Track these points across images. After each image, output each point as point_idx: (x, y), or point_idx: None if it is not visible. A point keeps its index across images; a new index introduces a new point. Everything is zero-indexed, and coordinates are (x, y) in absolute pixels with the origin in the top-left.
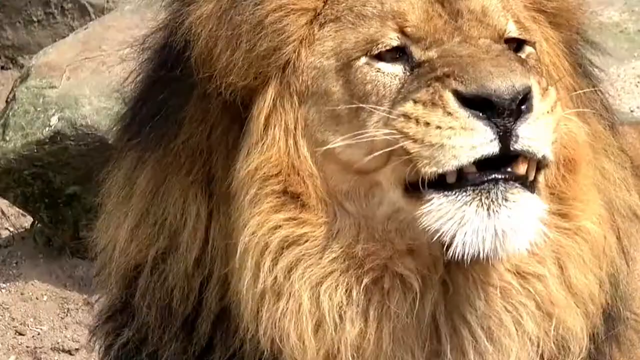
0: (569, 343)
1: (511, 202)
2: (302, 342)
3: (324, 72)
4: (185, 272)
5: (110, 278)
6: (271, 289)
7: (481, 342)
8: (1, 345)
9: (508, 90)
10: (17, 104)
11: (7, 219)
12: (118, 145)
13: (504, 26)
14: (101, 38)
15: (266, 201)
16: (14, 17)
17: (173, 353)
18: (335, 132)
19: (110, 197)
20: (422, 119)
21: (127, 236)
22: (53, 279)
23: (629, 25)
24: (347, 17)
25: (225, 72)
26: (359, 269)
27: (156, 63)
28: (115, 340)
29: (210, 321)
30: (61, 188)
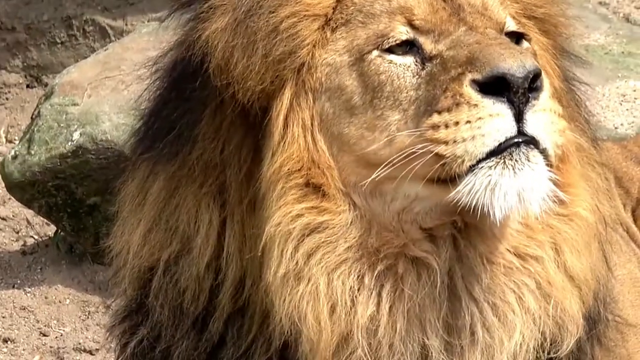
0: (566, 323)
1: (533, 163)
2: (318, 324)
3: (337, 68)
4: (197, 275)
5: (125, 280)
6: (293, 273)
7: (488, 317)
8: (26, 345)
9: (520, 69)
10: (42, 120)
11: (32, 227)
12: (132, 158)
13: (503, 19)
14: (120, 58)
15: (290, 194)
16: (39, 38)
17: (185, 349)
18: (349, 124)
19: (125, 205)
20: (450, 121)
21: (140, 241)
22: (75, 283)
23: (614, 47)
24: (356, 18)
25: (243, 77)
26: (373, 257)
27: (167, 81)
28: (131, 338)
29: (222, 321)
30: (82, 199)
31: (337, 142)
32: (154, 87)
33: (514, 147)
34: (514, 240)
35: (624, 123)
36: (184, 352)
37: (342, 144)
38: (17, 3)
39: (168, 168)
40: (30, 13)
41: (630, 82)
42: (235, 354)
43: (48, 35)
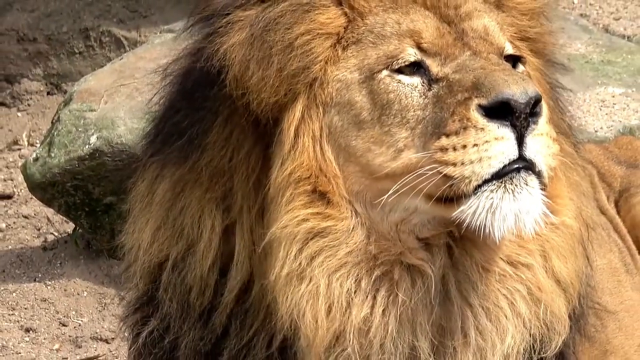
0: (555, 324)
1: (530, 187)
2: (315, 321)
3: (347, 84)
4: (201, 275)
5: (137, 274)
6: (296, 273)
7: (481, 321)
8: (47, 335)
9: (523, 95)
10: (61, 125)
11: (52, 225)
12: (142, 159)
13: (503, 44)
14: (134, 67)
15: (298, 199)
16: (59, 49)
17: (191, 340)
18: (357, 137)
19: (135, 204)
20: (458, 144)
21: (149, 239)
22: (92, 277)
23: (594, 56)
24: (367, 37)
25: (258, 89)
26: (371, 262)
27: (179, 89)
28: (142, 329)
29: (226, 315)
30: (99, 198)
31: (343, 153)
32: (164, 93)
33: (515, 172)
34: (507, 249)
35: (603, 127)
36: (191, 342)
37: (349, 155)
38: (38, 15)
39: (174, 171)
40: (51, 25)
41: (609, 88)
42: (238, 345)
43: (67, 45)
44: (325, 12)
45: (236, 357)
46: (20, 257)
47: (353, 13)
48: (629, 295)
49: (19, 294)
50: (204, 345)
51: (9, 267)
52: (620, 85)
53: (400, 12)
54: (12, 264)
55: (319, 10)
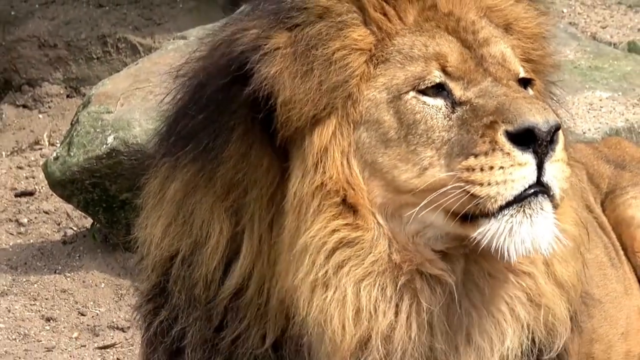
0: (556, 326)
1: (546, 212)
2: (342, 327)
3: (376, 104)
4: (207, 272)
5: (149, 267)
6: (321, 281)
7: (484, 323)
8: (66, 323)
9: (545, 124)
10: (80, 126)
11: (71, 220)
12: (155, 157)
13: (518, 70)
14: (149, 72)
15: (327, 211)
16: (77, 54)
17: (197, 330)
18: (383, 154)
19: (148, 200)
20: (486, 165)
21: (160, 234)
22: (109, 269)
23: (582, 62)
24: (395, 58)
25: (301, 103)
26: (395, 271)
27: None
28: (154, 319)
29: (223, 307)
30: (116, 195)
31: (369, 168)
32: (177, 94)
33: (533, 197)
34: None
35: (591, 128)
36: (197, 332)
37: (374, 170)
38: (58, 23)
39: (186, 173)
40: (70, 32)
41: (596, 92)
42: (231, 336)
43: (85, 51)
44: (357, 30)
45: (232, 346)
46: (42, 250)
47: (381, 33)
48: (614, 288)
49: (40, 285)
50: (207, 334)
51: (31, 259)
52: (607, 90)
53: (426, 36)
54: (34, 256)
55: (351, 28)
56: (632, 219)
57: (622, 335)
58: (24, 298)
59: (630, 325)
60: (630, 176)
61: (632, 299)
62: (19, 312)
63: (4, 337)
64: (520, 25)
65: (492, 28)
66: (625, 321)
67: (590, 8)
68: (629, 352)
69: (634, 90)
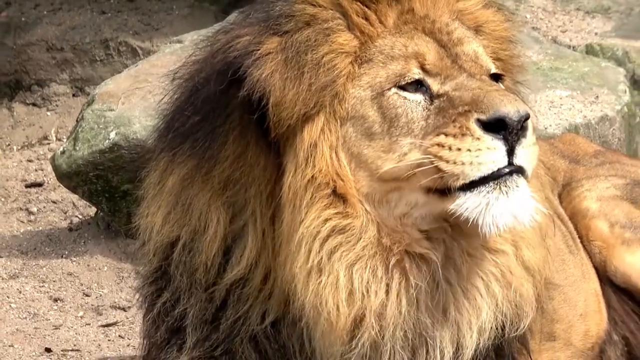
0: (523, 305)
1: (521, 187)
2: (337, 308)
3: (361, 100)
4: (206, 258)
5: (150, 252)
6: (316, 267)
7: (459, 299)
8: (72, 304)
9: (516, 113)
10: (85, 123)
11: (77, 209)
12: (155, 151)
13: (490, 66)
14: (148, 73)
15: (319, 202)
16: (82, 57)
17: (198, 310)
18: (368, 146)
19: (149, 191)
20: (454, 146)
21: (161, 222)
22: (112, 254)
23: (544, 63)
24: (378, 58)
25: (292, 103)
26: (385, 253)
27: (188, 96)
28: (157, 300)
29: (225, 290)
30: (117, 186)
31: (355, 159)
32: (174, 94)
33: (508, 176)
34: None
35: (552, 124)
36: (197, 312)
37: (360, 162)
38: (64, 28)
39: (183, 167)
40: (75, 36)
41: (557, 91)
42: (234, 316)
43: (89, 54)
44: (342, 35)
45: (233, 326)
46: (50, 236)
47: (364, 36)
48: (572, 272)
49: (48, 268)
50: (207, 315)
51: (40, 245)
52: (567, 89)
53: (405, 37)
54: (42, 242)
55: (337, 33)
56: (587, 210)
57: (581, 316)
58: (33, 280)
59: (588, 307)
60: (584, 170)
61: (589, 283)
62: (29, 293)
63: (16, 316)
64: (489, 28)
65: (464, 29)
66: (584, 303)
67: (551, 14)
68: (588, 331)
69: (591, 90)
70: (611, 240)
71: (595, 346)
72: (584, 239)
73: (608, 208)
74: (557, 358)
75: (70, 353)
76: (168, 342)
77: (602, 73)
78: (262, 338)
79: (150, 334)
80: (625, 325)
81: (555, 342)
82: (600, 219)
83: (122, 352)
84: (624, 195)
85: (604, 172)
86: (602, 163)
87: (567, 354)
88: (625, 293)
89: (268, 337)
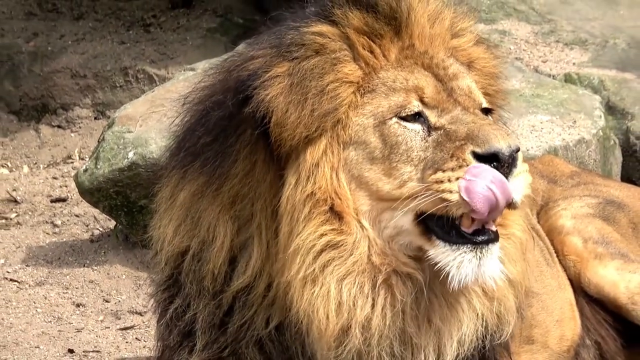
0: (506, 316)
1: (493, 255)
2: (326, 317)
3: (364, 128)
4: (214, 267)
5: (162, 261)
6: (310, 278)
7: (443, 311)
8: (94, 309)
9: (508, 148)
10: (105, 143)
11: (98, 222)
12: (167, 168)
13: (481, 101)
14: (163, 98)
15: (317, 217)
16: (103, 83)
17: (206, 315)
18: (369, 170)
19: (161, 205)
20: (453, 177)
21: (172, 233)
22: (129, 263)
23: (526, 91)
24: (380, 89)
25: (294, 126)
26: (374, 271)
27: (198, 118)
28: (169, 306)
29: (232, 296)
30: (135, 201)
31: (355, 181)
32: (185, 116)
33: (484, 244)
34: None
35: (533, 147)
36: (206, 317)
37: (361, 183)
38: (87, 57)
39: (193, 183)
40: (97, 64)
41: (538, 116)
42: (240, 321)
43: (110, 80)
44: (348, 65)
45: (239, 330)
46: (73, 247)
47: (368, 68)
48: (549, 282)
49: (71, 276)
50: (215, 319)
51: (64, 255)
52: (547, 114)
53: (406, 71)
54: (66, 252)
55: (343, 63)
56: (562, 227)
57: (557, 322)
58: (58, 287)
59: (563, 314)
60: (561, 190)
61: (564, 293)
62: (54, 299)
63: (41, 320)
64: (480, 64)
65: (458, 65)
66: (560, 310)
67: (533, 45)
68: (563, 336)
69: (569, 115)
70: (585, 255)
71: (570, 349)
72: (560, 254)
73: (582, 225)
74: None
75: (91, 354)
76: (180, 344)
77: (580, 100)
78: (267, 341)
79: (164, 337)
80: (597, 332)
81: (534, 345)
82: (575, 235)
83: (139, 354)
84: (596, 213)
85: (579, 192)
86: (578, 184)
87: (545, 356)
88: (597, 303)
89: (272, 340)
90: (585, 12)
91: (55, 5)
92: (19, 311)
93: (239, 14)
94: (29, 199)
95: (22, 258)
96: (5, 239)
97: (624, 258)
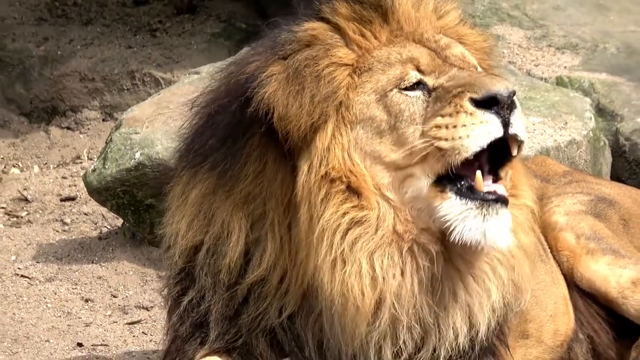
0: (523, 283)
1: (500, 217)
2: (361, 294)
3: (367, 104)
4: (229, 261)
5: (175, 255)
6: (340, 258)
7: (469, 283)
8: (102, 304)
9: (506, 90)
10: (113, 144)
11: (106, 220)
12: (177, 169)
13: (476, 64)
14: (169, 101)
15: (336, 197)
16: (111, 86)
17: (220, 307)
18: (380, 143)
19: (173, 202)
20: (450, 124)
21: (185, 228)
22: (136, 260)
23: (519, 93)
24: (376, 66)
25: (297, 116)
26: (400, 240)
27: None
28: (182, 298)
29: (247, 288)
30: (142, 200)
31: (369, 157)
32: (194, 119)
33: (492, 202)
34: None
35: (526, 147)
36: (220, 308)
37: (374, 158)
38: (95, 61)
39: (204, 181)
40: (105, 68)
41: (530, 118)
42: (254, 313)
43: (118, 84)
44: (341, 50)
45: (254, 320)
46: (82, 244)
47: (361, 50)
48: (543, 278)
49: (80, 273)
50: (229, 311)
51: (73, 252)
52: (539, 116)
53: (399, 46)
54: (75, 249)
55: (336, 48)
56: (555, 223)
57: (551, 317)
58: (67, 283)
59: (557, 309)
60: (554, 188)
61: (558, 288)
62: (63, 295)
63: (51, 314)
64: (470, 40)
65: (449, 38)
66: (554, 306)
67: (525, 50)
68: (557, 330)
69: (561, 117)
70: (577, 250)
71: (563, 343)
72: (553, 249)
73: (574, 222)
74: (530, 354)
75: (99, 347)
76: (192, 335)
77: (571, 102)
78: (279, 329)
79: (176, 328)
80: (590, 326)
81: (528, 339)
82: (568, 231)
83: (145, 347)
84: (588, 210)
85: (571, 190)
86: (570, 182)
87: (539, 350)
88: (590, 297)
89: (284, 328)
90: (577, 17)
91: (65, 11)
92: (29, 306)
93: (242, 19)
94: (39, 197)
95: (32, 255)
96: (16, 237)
97: (615, 254)
